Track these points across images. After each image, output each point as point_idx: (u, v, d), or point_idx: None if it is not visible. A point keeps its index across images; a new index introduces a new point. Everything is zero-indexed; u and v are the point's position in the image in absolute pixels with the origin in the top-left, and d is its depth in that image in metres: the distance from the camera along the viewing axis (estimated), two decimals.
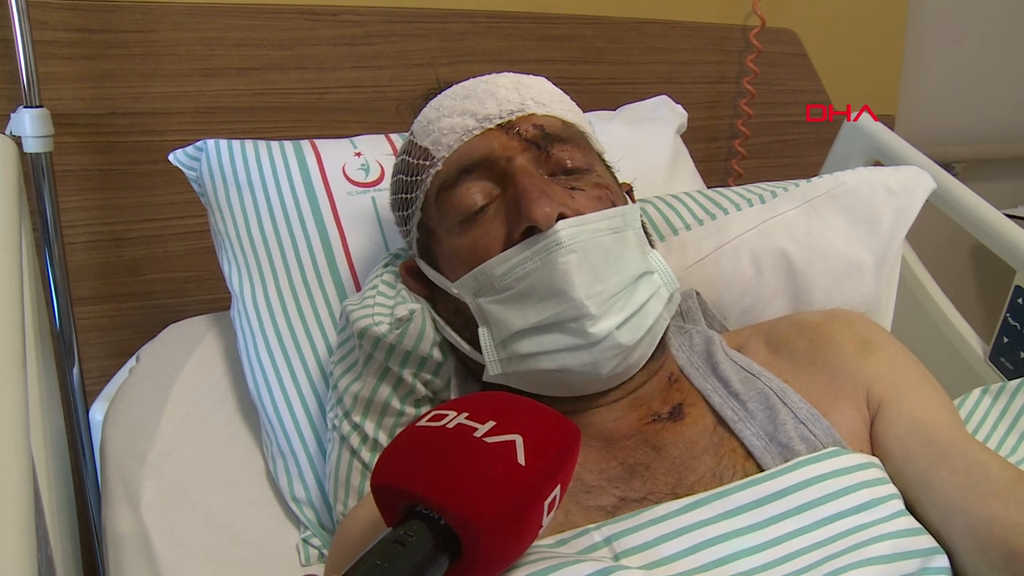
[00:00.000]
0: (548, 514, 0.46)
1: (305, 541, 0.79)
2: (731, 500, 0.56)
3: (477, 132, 0.68)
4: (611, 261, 0.63)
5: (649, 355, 0.67)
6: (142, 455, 0.80)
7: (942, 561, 0.53)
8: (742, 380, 0.67)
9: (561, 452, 0.47)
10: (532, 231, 0.62)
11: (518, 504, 0.43)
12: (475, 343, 0.67)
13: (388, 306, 0.71)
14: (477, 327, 0.67)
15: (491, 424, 0.46)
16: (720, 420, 0.64)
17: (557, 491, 0.47)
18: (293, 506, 0.80)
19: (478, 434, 0.45)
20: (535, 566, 0.49)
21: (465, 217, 0.67)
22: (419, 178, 0.71)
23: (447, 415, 0.47)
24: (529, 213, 0.62)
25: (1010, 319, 0.97)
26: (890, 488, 0.58)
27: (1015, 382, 0.79)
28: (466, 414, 0.47)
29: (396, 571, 0.40)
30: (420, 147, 0.71)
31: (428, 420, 0.48)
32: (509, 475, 0.44)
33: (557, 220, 0.62)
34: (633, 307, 0.63)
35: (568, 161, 0.68)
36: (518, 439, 0.45)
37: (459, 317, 0.69)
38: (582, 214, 0.64)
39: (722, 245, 0.86)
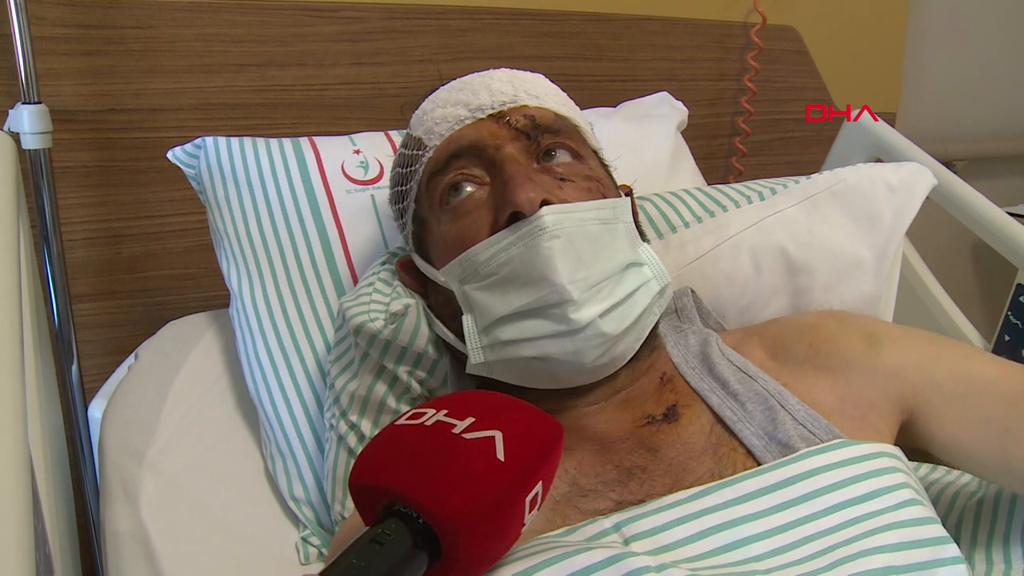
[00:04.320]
0: (530, 512, 0.46)
1: (304, 540, 0.78)
2: (739, 487, 0.56)
3: (469, 121, 0.68)
4: (597, 249, 0.63)
5: (636, 349, 0.66)
6: (141, 453, 0.80)
7: (953, 551, 0.53)
8: (739, 380, 0.66)
9: (542, 448, 0.46)
10: (517, 216, 0.62)
11: (497, 500, 0.43)
12: (462, 334, 0.67)
13: (384, 303, 0.71)
14: (462, 316, 0.66)
15: (470, 420, 0.45)
16: (718, 420, 0.64)
17: (539, 488, 0.46)
18: (292, 505, 0.80)
19: (457, 430, 0.45)
20: (546, 554, 0.49)
21: (453, 205, 0.67)
22: (413, 168, 0.71)
23: (426, 413, 0.47)
24: (513, 198, 0.62)
25: (1011, 317, 0.97)
26: (900, 477, 0.57)
27: None
28: (445, 411, 0.46)
29: (373, 570, 0.39)
30: (415, 137, 0.72)
31: (407, 418, 0.47)
32: (488, 471, 0.43)
33: (541, 206, 0.62)
34: (619, 296, 0.63)
35: (558, 152, 0.68)
36: (497, 435, 0.44)
37: (447, 307, 0.69)
38: (569, 203, 0.64)
39: (721, 243, 0.86)
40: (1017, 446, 0.60)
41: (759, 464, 0.60)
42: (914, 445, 0.66)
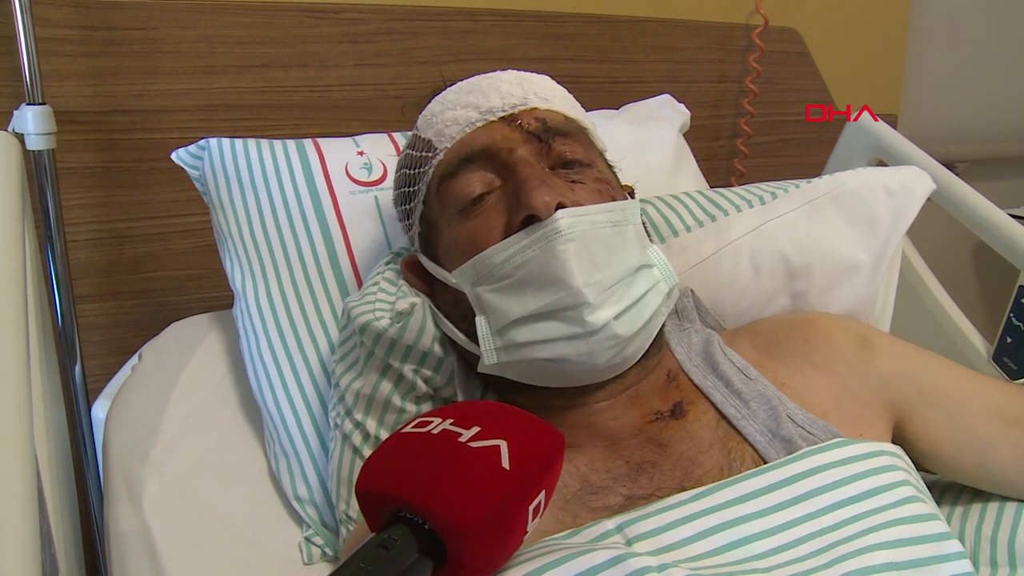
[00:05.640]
0: (533, 520, 0.46)
1: (307, 540, 0.79)
2: (740, 487, 0.56)
3: (480, 124, 0.69)
4: (610, 252, 0.63)
5: (645, 348, 0.67)
6: (144, 453, 0.80)
7: (955, 547, 0.53)
8: (742, 381, 0.67)
9: (546, 457, 0.47)
10: (531, 220, 0.63)
11: (502, 508, 0.43)
12: (472, 334, 0.67)
13: (389, 302, 0.71)
14: (475, 317, 0.67)
15: (476, 430, 0.46)
16: (722, 417, 0.65)
17: (542, 497, 0.46)
18: (295, 505, 0.80)
19: (463, 439, 0.45)
20: (549, 556, 0.49)
21: (465, 206, 0.67)
22: (422, 170, 0.71)
23: (432, 421, 0.47)
24: (529, 201, 0.62)
25: (1013, 319, 0.97)
26: (900, 475, 0.58)
27: (1019, 383, 0.79)
28: (451, 420, 0.47)
29: (380, 575, 0.40)
30: (423, 139, 0.72)
31: (413, 426, 0.48)
32: (493, 479, 0.44)
33: (556, 209, 0.62)
34: (631, 298, 0.64)
35: (569, 155, 0.69)
36: (503, 444, 0.45)
37: (457, 308, 0.69)
38: (582, 206, 0.64)
39: (722, 247, 0.86)
40: (996, 457, 0.65)
41: (764, 460, 0.61)
42: None
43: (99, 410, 0.92)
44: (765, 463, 0.60)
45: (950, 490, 0.72)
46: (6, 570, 0.40)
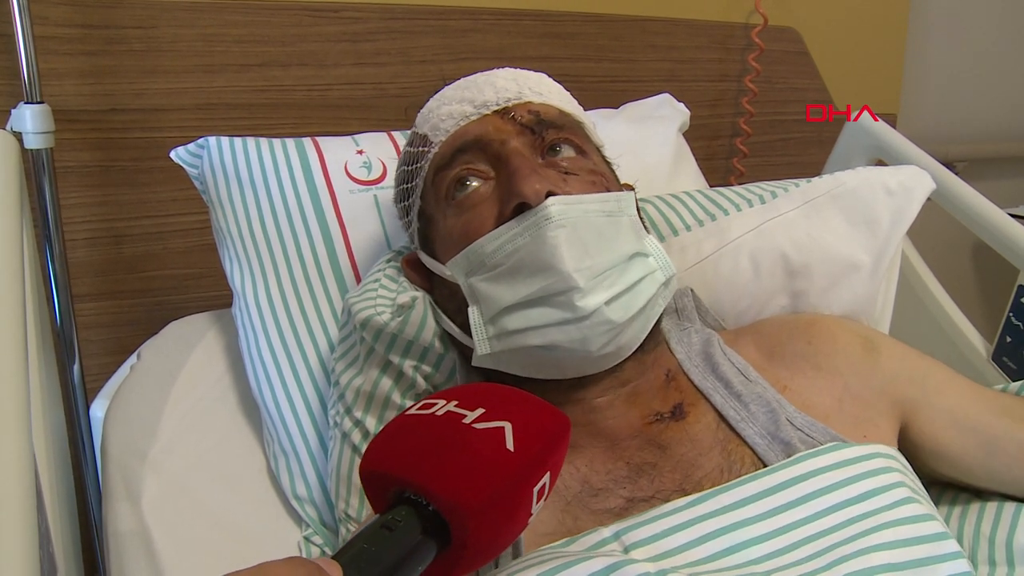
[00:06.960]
0: (537, 502, 0.46)
1: (307, 539, 0.79)
2: (736, 493, 0.57)
3: (474, 117, 0.69)
4: (603, 239, 0.63)
5: (641, 339, 0.66)
6: (143, 452, 0.80)
7: (952, 546, 0.53)
8: (742, 383, 0.67)
9: (551, 439, 0.47)
10: (523, 208, 0.63)
11: (506, 489, 0.43)
12: (468, 327, 0.67)
13: (390, 297, 0.72)
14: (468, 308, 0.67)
15: (480, 411, 0.46)
16: (722, 419, 0.65)
17: (547, 479, 0.46)
18: (295, 504, 0.80)
19: (467, 421, 0.45)
20: (546, 565, 0.49)
21: (453, 192, 0.68)
22: (418, 165, 0.72)
23: (436, 403, 0.47)
24: (519, 189, 0.62)
25: (1013, 318, 0.97)
26: (896, 476, 0.58)
27: (1018, 383, 0.79)
28: (455, 402, 0.47)
29: (384, 555, 0.40)
30: (420, 135, 0.73)
31: (417, 409, 0.47)
32: (498, 460, 0.43)
33: (547, 197, 0.62)
34: (624, 284, 0.63)
35: (562, 146, 0.69)
36: (507, 426, 0.45)
37: (453, 302, 0.69)
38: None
39: (722, 247, 0.86)
40: (1002, 454, 0.66)
41: (763, 462, 0.61)
42: (903, 450, 0.68)
43: (98, 409, 0.92)
44: (765, 466, 0.60)
45: (949, 490, 0.72)
46: (5, 570, 0.40)
